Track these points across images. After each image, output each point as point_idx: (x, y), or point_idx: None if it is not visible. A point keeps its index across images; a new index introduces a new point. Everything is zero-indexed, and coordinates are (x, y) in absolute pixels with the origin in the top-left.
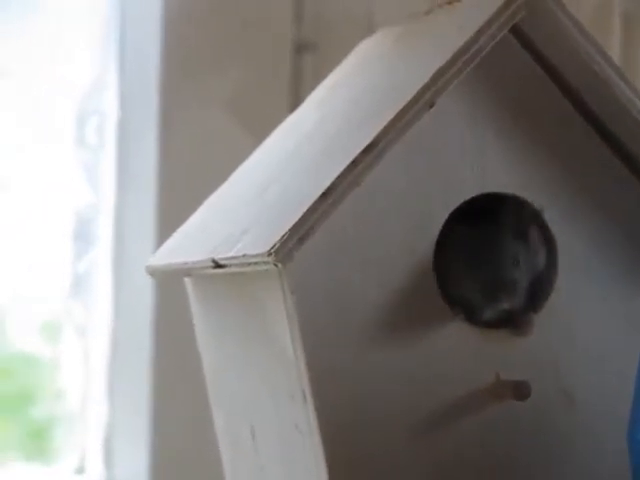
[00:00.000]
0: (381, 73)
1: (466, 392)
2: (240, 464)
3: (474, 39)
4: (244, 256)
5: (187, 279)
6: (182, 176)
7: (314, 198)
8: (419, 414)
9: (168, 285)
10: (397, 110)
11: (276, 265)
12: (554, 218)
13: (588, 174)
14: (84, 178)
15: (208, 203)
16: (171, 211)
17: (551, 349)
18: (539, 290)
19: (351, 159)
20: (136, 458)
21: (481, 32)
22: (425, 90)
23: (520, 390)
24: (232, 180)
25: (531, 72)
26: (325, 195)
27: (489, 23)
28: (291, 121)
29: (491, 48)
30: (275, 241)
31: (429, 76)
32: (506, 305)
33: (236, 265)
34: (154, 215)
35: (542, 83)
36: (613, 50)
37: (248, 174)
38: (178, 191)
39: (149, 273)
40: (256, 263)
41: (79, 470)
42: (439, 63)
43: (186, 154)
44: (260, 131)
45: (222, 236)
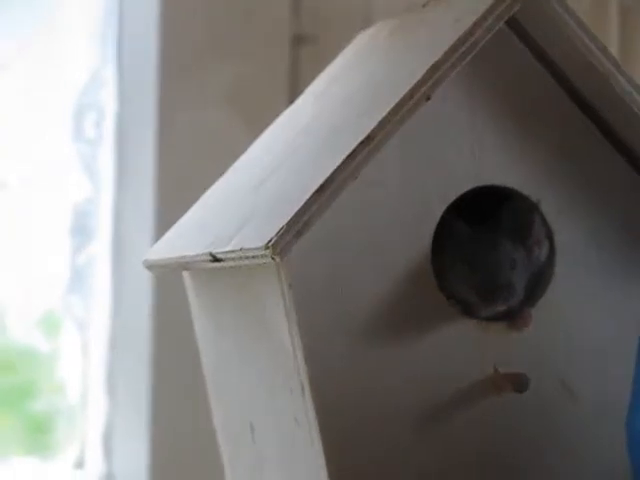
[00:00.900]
0: (378, 66)
1: (465, 385)
2: (239, 458)
3: (470, 32)
4: (241, 250)
5: (185, 273)
6: (180, 170)
7: (311, 191)
8: (417, 407)
9: (167, 279)
10: (394, 103)
11: (273, 258)
12: (551, 212)
13: (586, 168)
14: (83, 172)
15: (206, 197)
16: (169, 205)
17: (549, 342)
18: (537, 284)
19: (348, 152)
20: (135, 452)
21: (477, 25)
22: (422, 83)
23: (519, 382)
24: (229, 174)
25: (528, 65)
26: (322, 188)
27: (485, 15)
28: (288, 114)
29: (487, 41)
30: (272, 234)
31: (425, 69)
32: (501, 307)
33: (234, 259)
34: (153, 209)
35: (539, 76)
36: (611, 43)
37: (245, 167)
38: (176, 185)
39: (147, 267)
40: (254, 257)
41: (78, 464)
42: (436, 56)
43: (184, 148)
44: (259, 125)
45: (220, 230)
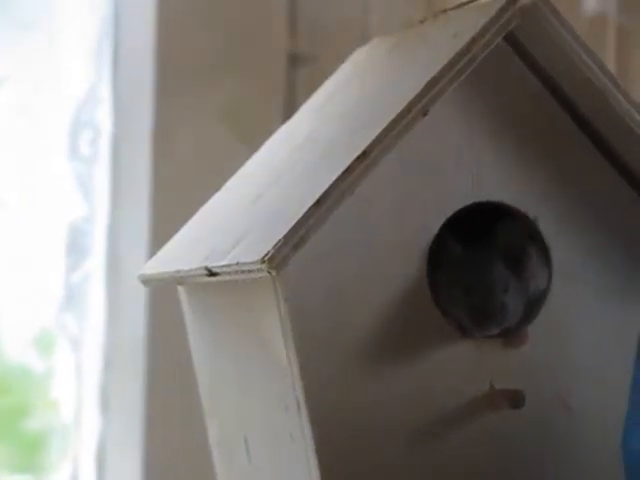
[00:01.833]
0: (375, 82)
1: (461, 402)
2: (234, 475)
3: (468, 47)
4: (238, 264)
5: (180, 288)
6: (176, 188)
7: (308, 206)
8: (414, 424)
9: (162, 297)
10: (390, 118)
11: (270, 272)
12: (549, 227)
13: (583, 183)
14: (78, 190)
15: (202, 212)
16: (165, 223)
17: (545, 359)
18: (534, 302)
19: (345, 167)
20: (129, 470)
21: (475, 40)
22: (419, 98)
23: (515, 399)
24: (226, 189)
25: (526, 80)
26: (319, 203)
27: (483, 31)
28: (285, 130)
29: (485, 56)
30: (269, 248)
31: (423, 84)
32: (494, 331)
33: (230, 273)
34: (148, 227)
35: (537, 91)
36: (608, 63)
37: (242, 182)
38: (172, 203)
39: (142, 282)
40: (250, 271)
41: None
42: (433, 71)
43: (180, 166)
44: (255, 143)
45: (216, 244)
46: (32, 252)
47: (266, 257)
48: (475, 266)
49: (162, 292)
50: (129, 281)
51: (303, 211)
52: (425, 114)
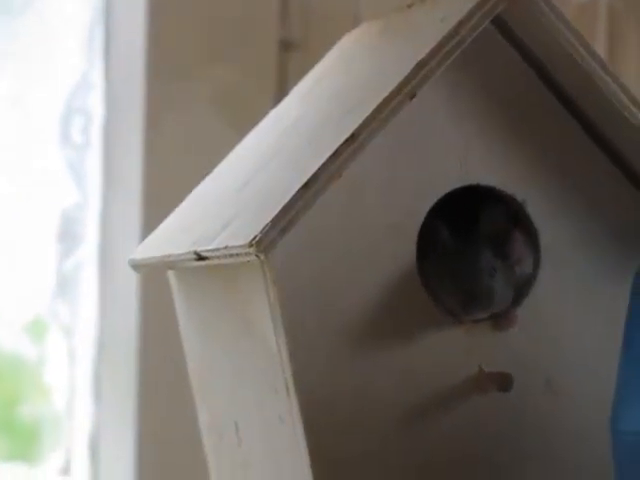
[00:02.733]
0: (363, 66)
1: (450, 385)
2: (224, 458)
3: (455, 30)
4: (226, 247)
5: (170, 273)
6: (168, 175)
7: (295, 189)
8: (402, 406)
9: (154, 284)
10: (378, 101)
11: (258, 256)
12: (537, 212)
13: (572, 167)
14: (70, 177)
15: (191, 197)
16: (157, 210)
17: (534, 342)
18: (522, 285)
19: (333, 150)
20: (122, 457)
21: (462, 23)
22: (406, 82)
23: (503, 382)
24: (215, 174)
25: (514, 64)
26: (306, 186)
27: (470, 14)
28: (274, 115)
29: (473, 40)
30: (256, 232)
31: (410, 68)
32: (482, 315)
33: (218, 257)
34: (140, 214)
35: (525, 75)
36: (599, 46)
37: (231, 167)
38: (164, 190)
39: (132, 266)
40: (238, 254)
41: (64, 470)
42: (421, 54)
43: (172, 153)
44: (246, 129)
45: (204, 228)
46: (24, 239)
47: (254, 240)
48: (462, 251)
49: (154, 279)
50: (121, 268)
51: (291, 194)
52: (413, 97)
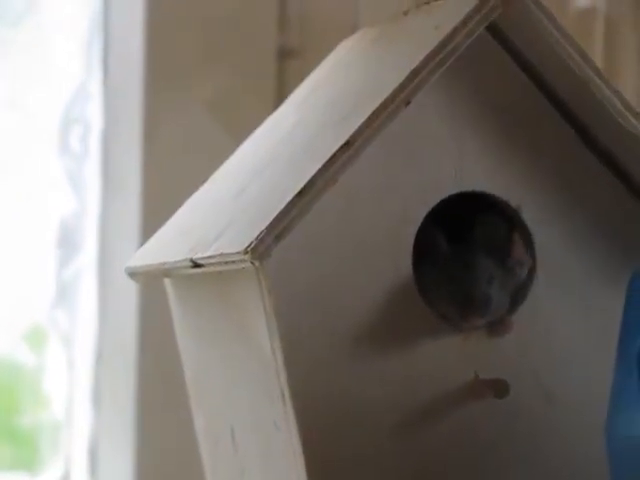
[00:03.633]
0: (359, 73)
1: (445, 391)
2: (220, 465)
3: (450, 37)
4: (221, 255)
5: (167, 280)
6: (166, 183)
7: (290, 196)
8: (399, 413)
9: (153, 293)
10: (373, 108)
11: (253, 263)
12: (532, 218)
13: (566, 173)
14: (68, 186)
15: (187, 204)
16: (155, 218)
17: (530, 348)
18: (518, 291)
19: (328, 157)
20: (121, 466)
21: (457, 30)
22: (401, 88)
23: (499, 388)
24: (211, 181)
25: (508, 70)
26: (301, 193)
27: (465, 21)
28: (270, 122)
29: (467, 46)
30: (252, 239)
31: (405, 75)
32: (479, 322)
33: (214, 264)
34: (139, 222)
35: (520, 81)
36: (596, 53)
37: (227, 175)
38: (162, 198)
39: (128, 274)
40: (233, 262)
41: (64, 478)
42: (415, 61)
43: (170, 162)
44: (245, 137)
45: (200, 236)
46: (23, 248)
47: (249, 248)
48: (459, 258)
49: (153, 287)
50: (120, 276)
51: (286, 201)
52: (408, 104)
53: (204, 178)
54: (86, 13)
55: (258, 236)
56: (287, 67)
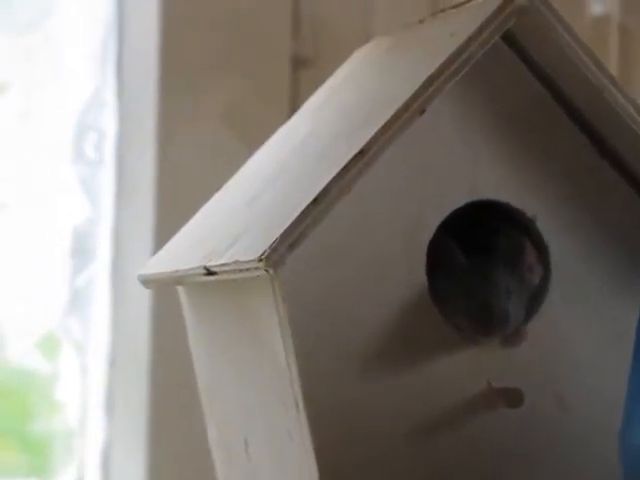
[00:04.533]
0: (373, 81)
1: (459, 401)
2: (233, 474)
3: (465, 46)
4: (235, 262)
5: (180, 288)
6: (180, 191)
7: (305, 204)
8: (412, 423)
9: (166, 300)
10: (388, 117)
11: (267, 271)
12: (547, 227)
13: (581, 183)
14: (83, 193)
15: (201, 212)
16: (169, 226)
17: (543, 358)
18: (532, 301)
19: (342, 165)
20: (134, 473)
21: (472, 39)
22: (416, 97)
23: (512, 397)
24: (225, 189)
25: (523, 79)
26: (316, 201)
27: (480, 30)
28: (284, 130)
29: (482, 55)
30: (266, 247)
31: (420, 83)
32: (496, 338)
33: (228, 272)
34: (152, 230)
35: (534, 90)
36: (611, 64)
37: (241, 183)
38: (176, 206)
39: (141, 282)
40: (247, 269)
41: None
42: (430, 70)
43: (184, 170)
44: (258, 146)
45: (214, 244)
46: (37, 255)
47: (263, 255)
48: (475, 270)
49: (166, 295)
50: (133, 284)
51: (300, 209)
52: (422, 112)
53: (218, 186)
54: (100, 20)
55: (272, 244)
56: (301, 76)
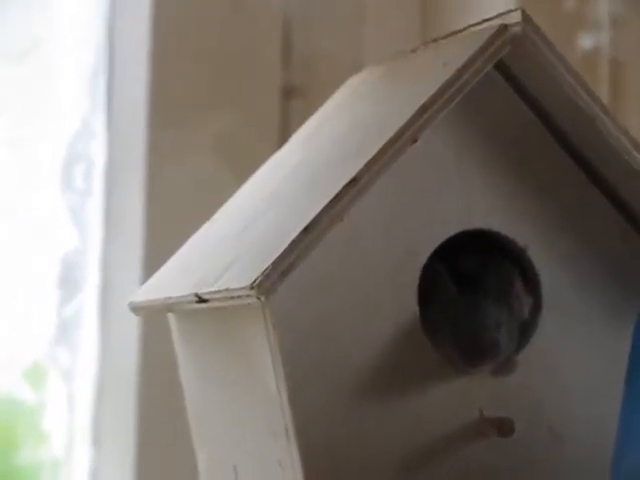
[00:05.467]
0: (366, 109)
1: (450, 431)
2: None
3: (458, 75)
4: (227, 290)
5: (170, 316)
6: (169, 222)
7: (296, 232)
8: (402, 453)
9: (155, 329)
10: (380, 145)
11: (259, 298)
12: (538, 256)
13: (573, 212)
14: (71, 223)
15: (191, 242)
16: (158, 256)
17: (535, 387)
18: (523, 331)
19: (334, 193)
20: None
21: (465, 68)
22: (408, 125)
23: (503, 427)
24: (214, 219)
25: (516, 108)
26: (307, 229)
27: (473, 59)
28: (276, 159)
29: (475, 84)
30: (258, 274)
31: (412, 112)
32: (487, 368)
33: (219, 299)
34: (141, 261)
35: (527, 119)
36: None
37: (231, 213)
38: (165, 236)
39: (132, 309)
40: (239, 297)
41: None
42: (423, 99)
43: (173, 199)
44: (248, 175)
45: (205, 271)
46: (25, 284)
47: (255, 283)
48: (466, 303)
49: (155, 324)
50: (122, 313)
51: (292, 237)
52: (414, 141)
53: (207, 216)
54: (90, 51)
55: (264, 272)
56: (291, 106)
